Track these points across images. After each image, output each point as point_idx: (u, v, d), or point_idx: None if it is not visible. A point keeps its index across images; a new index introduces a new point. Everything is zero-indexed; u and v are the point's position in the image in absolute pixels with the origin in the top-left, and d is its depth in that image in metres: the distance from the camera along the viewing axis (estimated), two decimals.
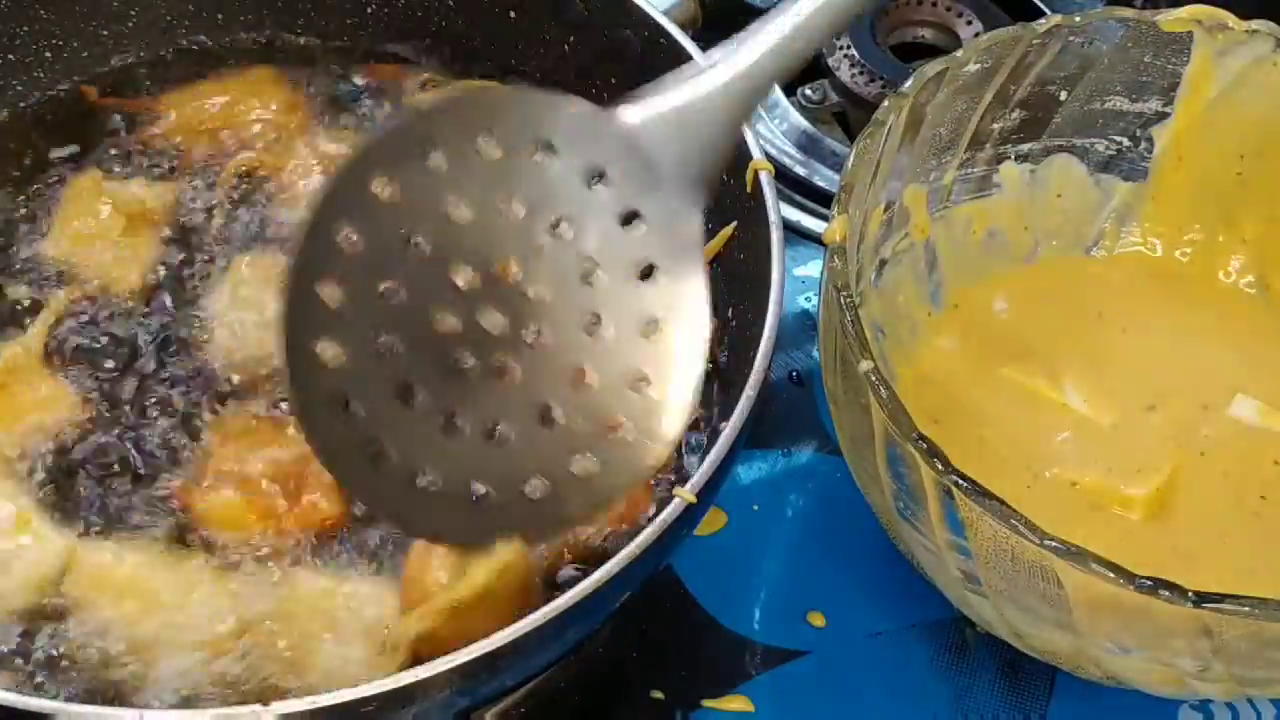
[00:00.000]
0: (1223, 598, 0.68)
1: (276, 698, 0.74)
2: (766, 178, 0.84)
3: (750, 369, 0.77)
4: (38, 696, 0.72)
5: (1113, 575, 0.69)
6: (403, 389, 0.68)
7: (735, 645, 0.89)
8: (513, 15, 1.00)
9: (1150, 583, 0.68)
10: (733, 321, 0.88)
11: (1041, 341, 0.93)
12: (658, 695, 0.86)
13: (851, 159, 0.83)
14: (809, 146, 1.12)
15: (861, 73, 1.15)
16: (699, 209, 0.70)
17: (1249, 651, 0.72)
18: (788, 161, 1.11)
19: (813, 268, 1.06)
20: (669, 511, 0.72)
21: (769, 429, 0.97)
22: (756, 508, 0.94)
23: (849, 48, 1.16)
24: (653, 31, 0.92)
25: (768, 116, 1.13)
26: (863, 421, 0.77)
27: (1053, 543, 0.70)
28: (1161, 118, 0.94)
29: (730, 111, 0.69)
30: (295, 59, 1.03)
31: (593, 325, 0.70)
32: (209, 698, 0.75)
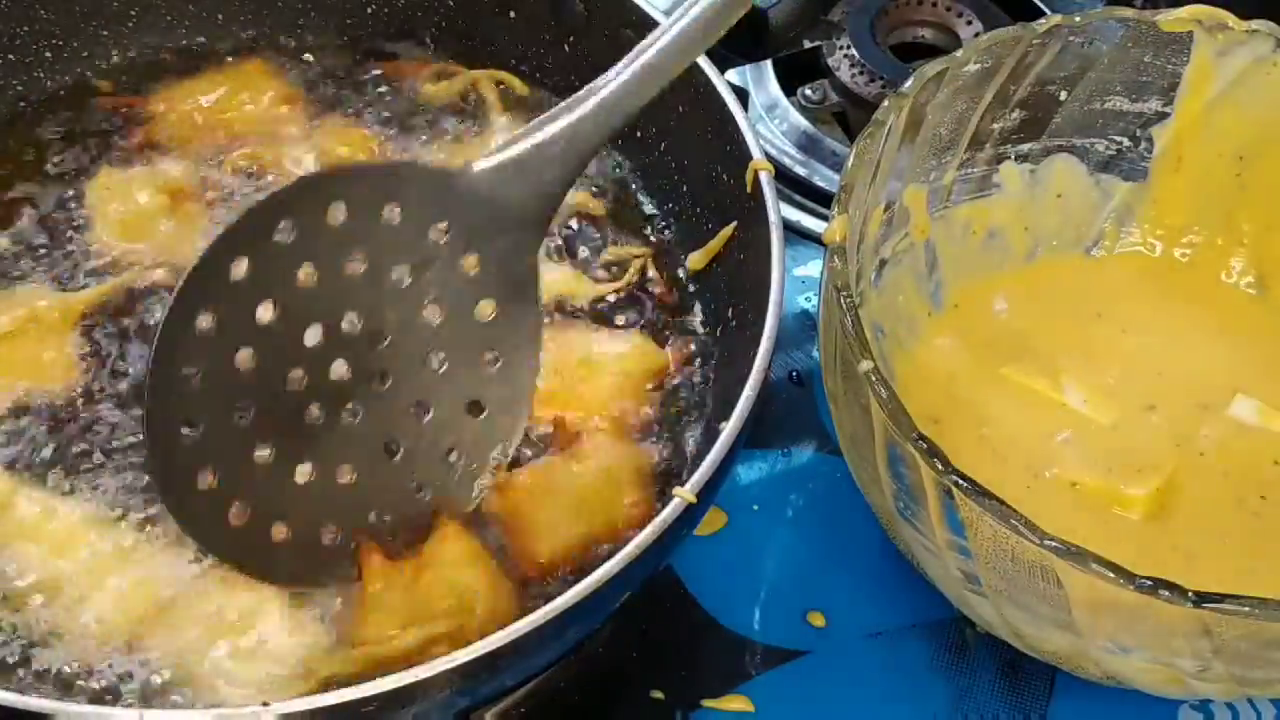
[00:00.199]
0: (1223, 598, 0.68)
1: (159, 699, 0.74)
2: (766, 178, 0.84)
3: (750, 369, 0.77)
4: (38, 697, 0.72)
5: (1113, 575, 0.69)
6: (254, 449, 0.73)
7: (735, 645, 0.89)
8: (513, 15, 1.00)
9: (1150, 583, 0.68)
10: (733, 321, 0.88)
11: (1041, 341, 0.93)
12: (658, 695, 0.86)
13: (851, 159, 0.83)
14: (809, 146, 1.12)
15: (861, 73, 1.15)
16: (535, 247, 0.76)
17: (1249, 651, 0.72)
18: (788, 161, 1.11)
19: (813, 268, 1.06)
20: (669, 511, 0.72)
21: (769, 429, 0.97)
22: (756, 508, 0.94)
23: (849, 48, 1.16)
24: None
25: (768, 116, 1.13)
26: (863, 421, 0.77)
27: (1053, 543, 0.70)
28: (1161, 118, 0.94)
29: (566, 161, 0.75)
30: (294, 57, 1.03)
31: (433, 362, 0.76)
32: (96, 673, 0.75)
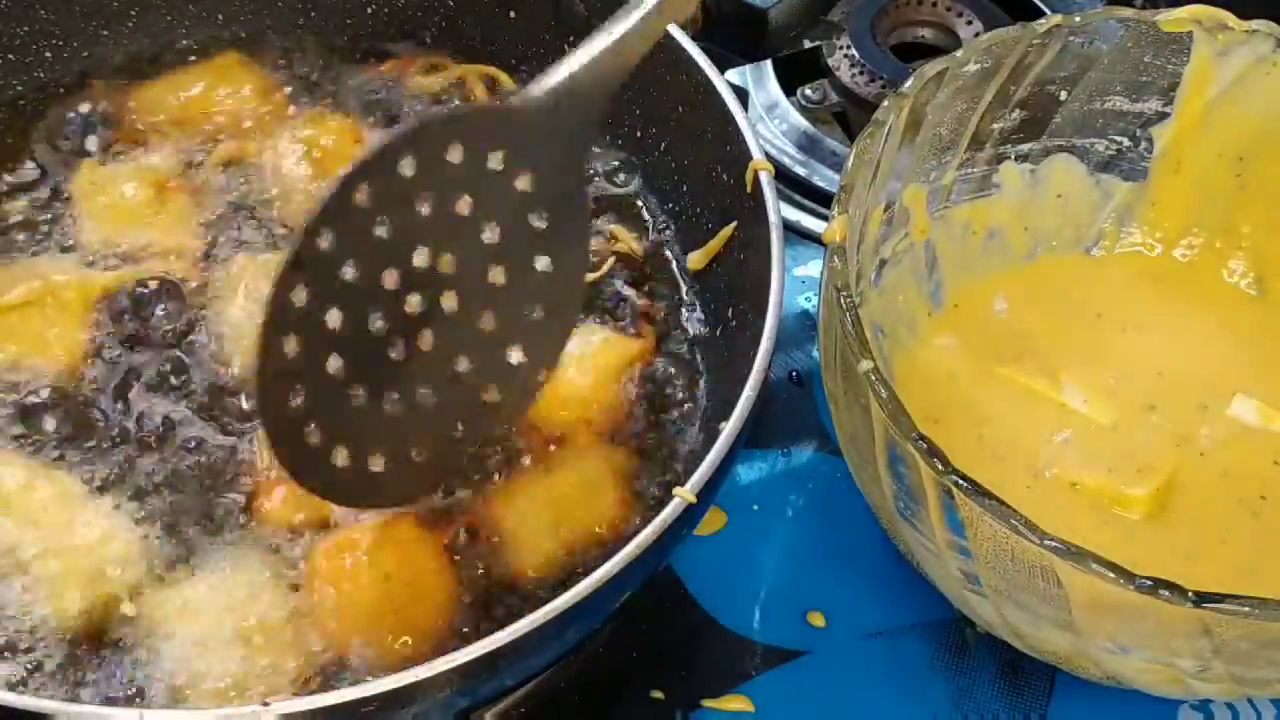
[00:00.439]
0: (1223, 598, 0.68)
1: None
2: (766, 178, 0.84)
3: (750, 369, 0.77)
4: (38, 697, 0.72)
5: (1113, 575, 0.69)
6: (348, 394, 0.73)
7: (735, 645, 0.89)
8: (513, 15, 1.00)
9: (1150, 583, 0.68)
10: (733, 321, 0.88)
11: (1041, 341, 0.93)
12: (658, 695, 0.86)
13: (851, 159, 0.83)
14: (809, 146, 1.12)
15: (861, 73, 1.15)
16: (584, 157, 0.79)
17: (1249, 651, 0.72)
18: (788, 161, 1.11)
19: (813, 268, 1.06)
20: (669, 511, 0.72)
21: (769, 429, 0.97)
22: (756, 508, 0.94)
23: (849, 48, 1.16)
24: None
25: (768, 117, 1.13)
26: (863, 421, 0.77)
27: (1053, 543, 0.70)
28: (1161, 118, 0.94)
29: (611, 74, 0.76)
30: (281, 52, 1.03)
31: (492, 274, 0.76)
32: (47, 639, 0.76)
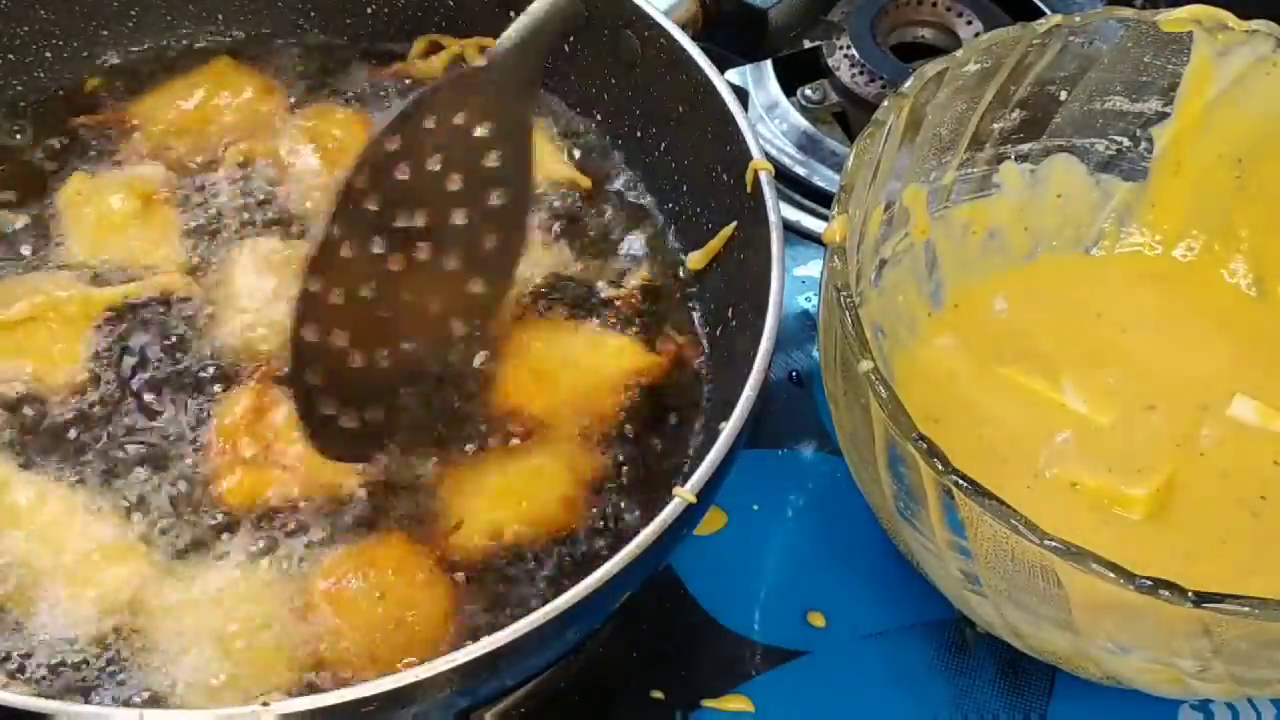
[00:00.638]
0: (1223, 598, 0.68)
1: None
2: (766, 178, 0.84)
3: (750, 369, 0.77)
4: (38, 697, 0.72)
5: (1113, 575, 0.69)
6: (349, 360, 0.80)
7: (735, 645, 0.89)
8: (513, 15, 1.00)
9: (1150, 583, 0.68)
10: (733, 321, 0.88)
11: (1041, 341, 0.93)
12: (658, 695, 0.86)
13: (851, 159, 0.83)
14: (809, 146, 1.12)
15: (861, 73, 1.15)
16: (533, 95, 0.87)
17: (1249, 651, 0.72)
18: (788, 161, 1.11)
19: (813, 268, 1.06)
20: (669, 511, 0.72)
21: (769, 429, 0.97)
22: (756, 508, 0.94)
23: (849, 48, 1.16)
24: (653, 31, 0.92)
25: (768, 116, 1.13)
26: (863, 421, 0.77)
27: (1053, 543, 0.70)
28: (1161, 118, 0.94)
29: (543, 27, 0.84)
30: (276, 53, 1.03)
31: (456, 218, 0.83)
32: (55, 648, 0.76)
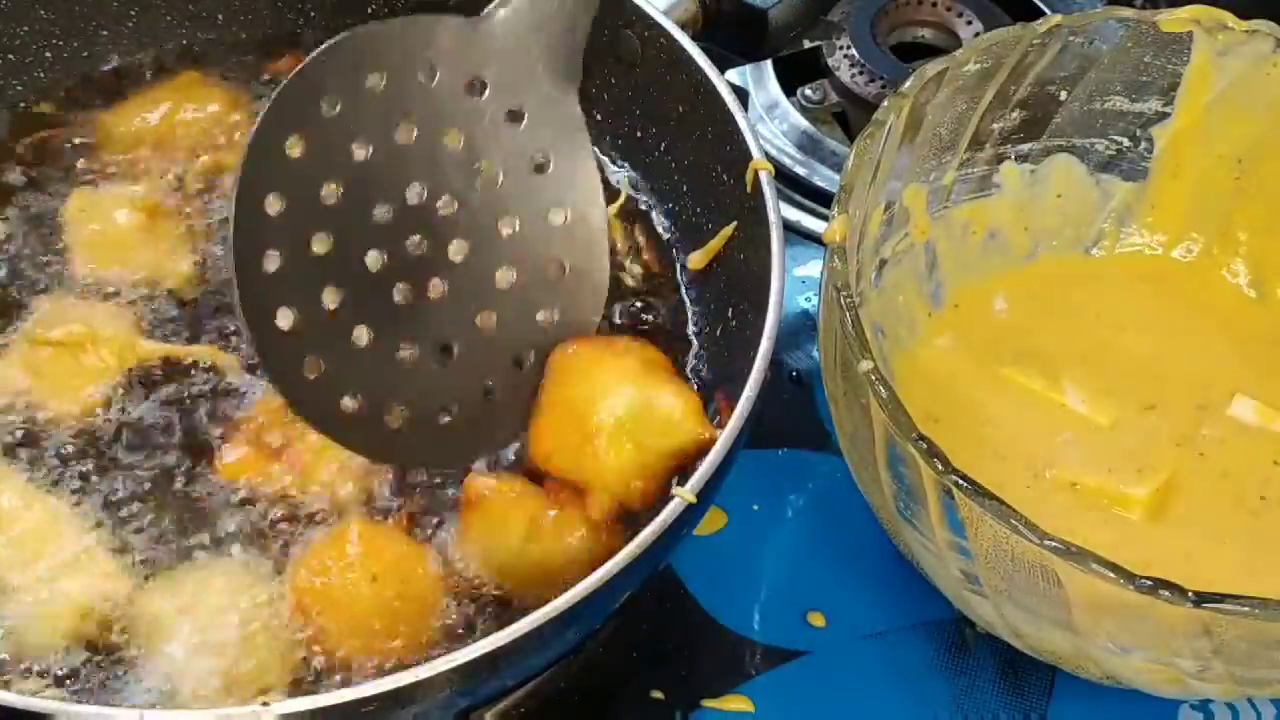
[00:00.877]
0: (1223, 598, 0.68)
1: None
2: (766, 178, 0.84)
3: (750, 369, 0.77)
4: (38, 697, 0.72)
5: (1113, 575, 0.69)
6: (352, 334, 0.70)
7: (735, 645, 0.89)
8: None
9: (1150, 583, 0.68)
10: (733, 321, 0.88)
11: (1041, 341, 0.93)
12: (658, 695, 0.86)
13: (851, 159, 0.83)
14: (809, 146, 1.12)
15: (861, 73, 1.15)
16: (574, 90, 0.76)
17: (1249, 651, 0.72)
18: (788, 161, 1.11)
19: (813, 268, 1.06)
20: (669, 511, 0.72)
21: (769, 429, 0.97)
22: (756, 508, 0.94)
23: (849, 48, 1.16)
24: (653, 31, 0.92)
25: (768, 116, 1.13)
26: (863, 421, 0.77)
27: (1053, 543, 0.70)
28: (1161, 118, 0.94)
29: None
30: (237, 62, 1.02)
31: (503, 225, 0.74)
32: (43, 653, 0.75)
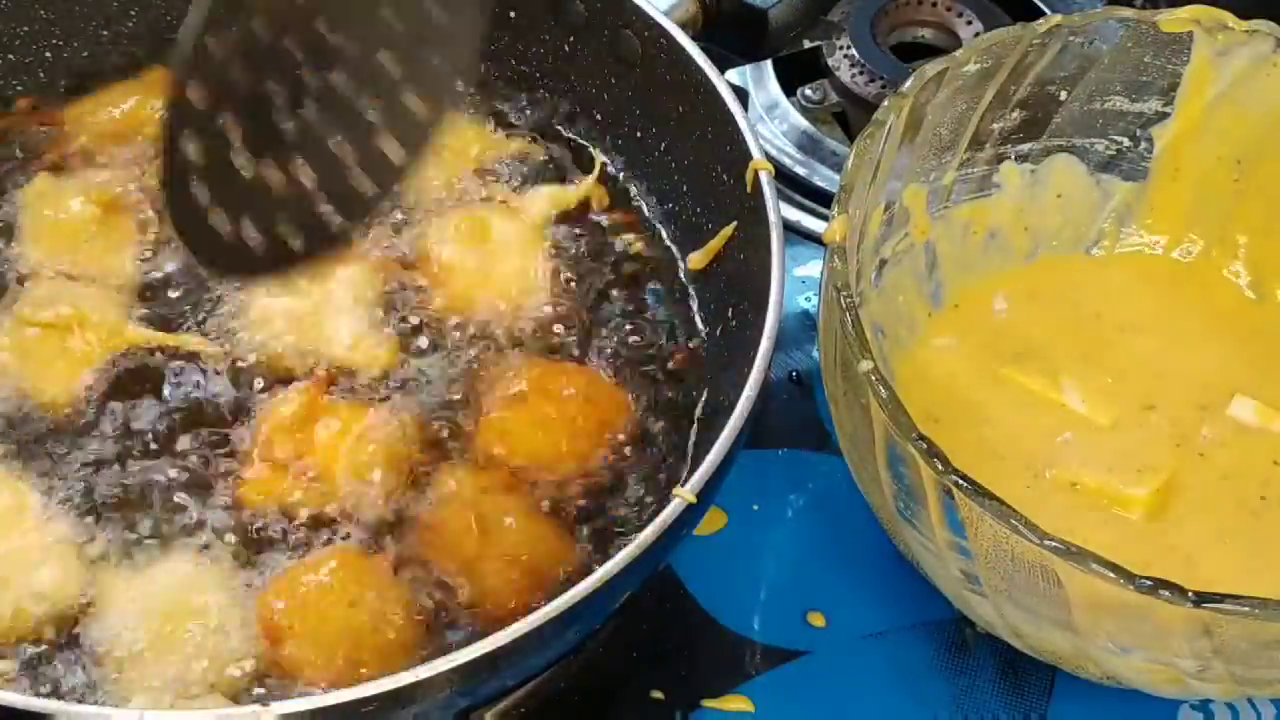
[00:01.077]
0: (1223, 598, 0.68)
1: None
2: (766, 178, 0.84)
3: (750, 369, 0.77)
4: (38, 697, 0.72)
5: (1113, 575, 0.69)
6: (239, 164, 0.70)
7: (735, 645, 0.89)
8: (513, 15, 1.00)
9: (1150, 583, 0.68)
10: (733, 321, 0.88)
11: (1041, 341, 0.93)
12: (658, 695, 0.86)
13: (851, 159, 0.83)
14: (809, 146, 1.12)
15: (861, 73, 1.15)
16: None
17: (1249, 651, 0.72)
18: (788, 161, 1.11)
19: (813, 268, 1.06)
20: (669, 511, 0.72)
21: (769, 429, 0.97)
22: (756, 508, 0.94)
23: (849, 48, 1.16)
24: (653, 31, 0.92)
25: (768, 116, 1.13)
26: (863, 421, 0.77)
27: (1053, 543, 0.70)
28: (1161, 118, 0.94)
29: None
30: None
31: (384, 59, 0.73)
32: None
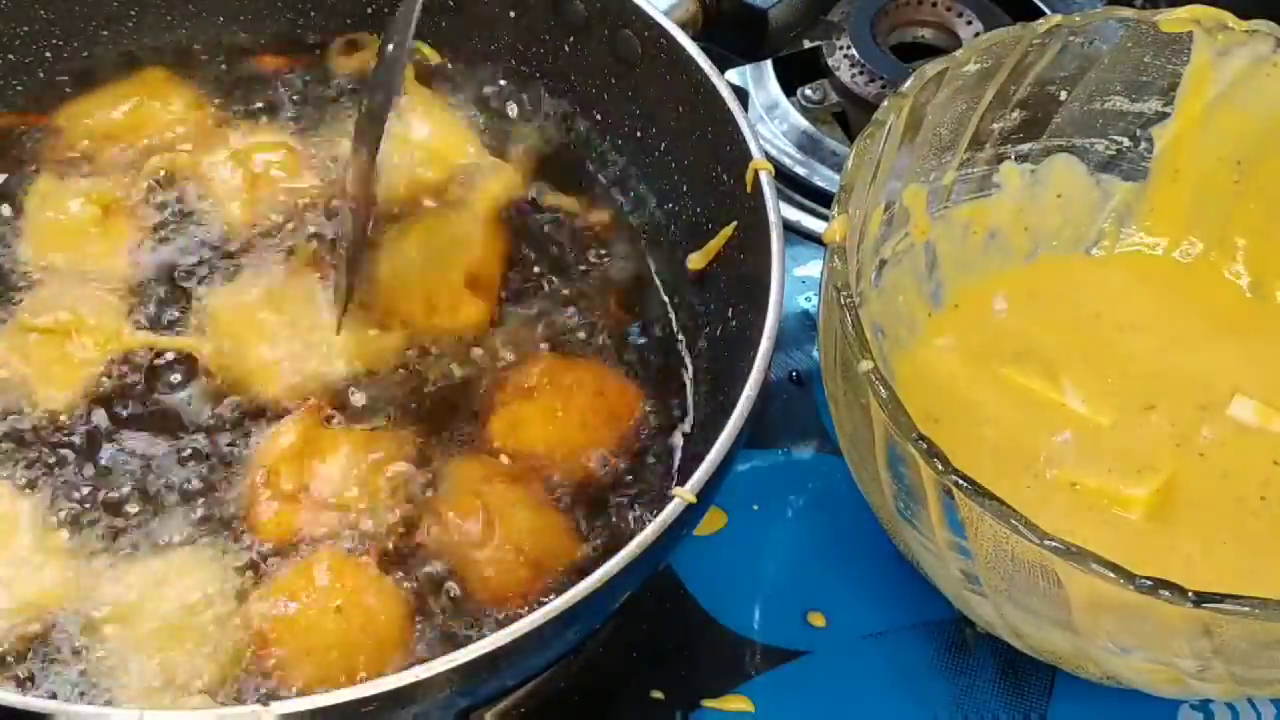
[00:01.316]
0: (1223, 598, 0.68)
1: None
2: (766, 178, 0.84)
3: (750, 369, 0.77)
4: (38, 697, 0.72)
5: (1113, 575, 0.69)
6: None
7: (735, 645, 0.89)
8: (513, 15, 1.00)
9: (1150, 583, 0.68)
10: (733, 321, 0.88)
11: (1041, 341, 0.93)
12: (658, 695, 0.86)
13: (851, 159, 0.83)
14: (809, 146, 1.12)
15: (861, 73, 1.15)
16: None
17: (1249, 651, 0.72)
18: (788, 161, 1.11)
19: (813, 268, 1.06)
20: (669, 511, 0.72)
21: (769, 429, 0.97)
22: (756, 508, 0.94)
23: (849, 48, 1.16)
24: (653, 31, 0.92)
25: (768, 116, 1.13)
26: (863, 421, 0.77)
27: (1053, 543, 0.70)
28: (1161, 118, 0.94)
29: None
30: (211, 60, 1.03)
31: None
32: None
